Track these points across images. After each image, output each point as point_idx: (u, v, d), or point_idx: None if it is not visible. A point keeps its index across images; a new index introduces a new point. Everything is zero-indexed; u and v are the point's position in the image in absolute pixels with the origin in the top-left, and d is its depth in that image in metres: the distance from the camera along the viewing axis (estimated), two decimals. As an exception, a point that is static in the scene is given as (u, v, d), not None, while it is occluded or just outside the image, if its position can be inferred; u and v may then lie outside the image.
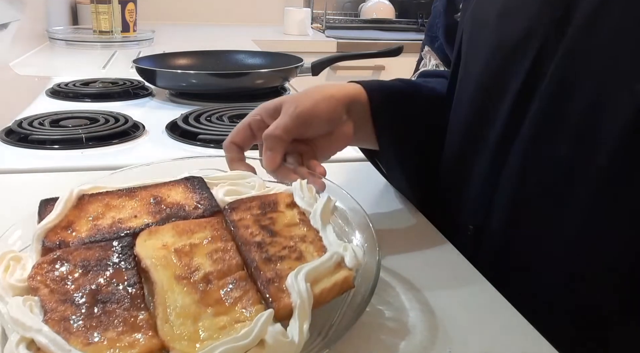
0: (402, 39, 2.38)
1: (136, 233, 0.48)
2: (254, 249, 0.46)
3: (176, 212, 0.51)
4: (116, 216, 0.50)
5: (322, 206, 0.50)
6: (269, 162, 0.57)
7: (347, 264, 0.44)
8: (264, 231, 0.48)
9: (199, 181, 0.56)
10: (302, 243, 0.47)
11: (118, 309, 0.40)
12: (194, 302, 0.41)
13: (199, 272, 0.43)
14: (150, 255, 0.45)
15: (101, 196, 0.53)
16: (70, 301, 0.40)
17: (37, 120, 0.98)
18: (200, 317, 0.40)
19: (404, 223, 0.65)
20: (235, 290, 0.42)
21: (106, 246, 0.46)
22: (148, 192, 0.54)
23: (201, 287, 0.42)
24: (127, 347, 0.37)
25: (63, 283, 0.42)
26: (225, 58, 1.41)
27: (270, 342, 0.37)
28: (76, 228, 0.49)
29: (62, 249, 0.46)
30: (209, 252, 0.46)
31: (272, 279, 0.42)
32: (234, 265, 0.45)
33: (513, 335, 0.46)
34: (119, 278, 0.43)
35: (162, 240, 0.47)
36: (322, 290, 0.42)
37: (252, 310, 0.40)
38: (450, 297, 0.51)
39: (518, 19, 0.55)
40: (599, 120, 0.48)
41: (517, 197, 0.55)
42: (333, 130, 0.60)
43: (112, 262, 0.44)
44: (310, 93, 0.59)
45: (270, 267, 0.44)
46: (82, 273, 0.43)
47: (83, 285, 0.42)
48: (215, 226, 0.49)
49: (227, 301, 0.41)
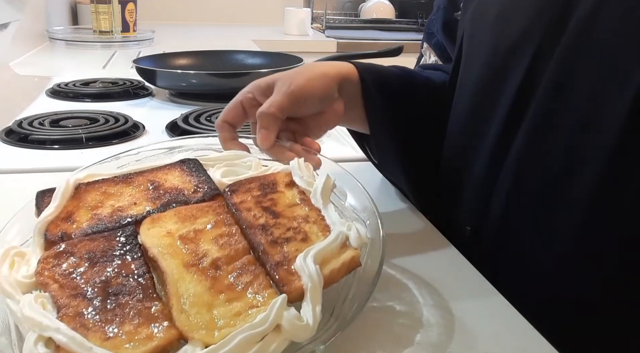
0: (402, 39, 2.38)
1: (138, 221, 0.48)
2: (259, 232, 0.46)
3: (175, 197, 0.51)
4: (115, 204, 0.50)
5: (322, 185, 0.50)
6: (263, 140, 0.56)
7: (352, 244, 0.45)
8: (267, 213, 0.48)
9: (194, 163, 0.55)
10: (306, 224, 0.47)
11: (131, 301, 0.40)
12: (206, 289, 0.41)
13: (207, 258, 0.44)
14: (157, 244, 0.45)
15: (98, 184, 0.52)
16: (81, 295, 0.40)
17: (37, 120, 0.98)
18: (214, 304, 0.40)
19: (402, 223, 0.65)
20: (245, 274, 0.43)
21: (110, 236, 0.46)
22: (144, 177, 0.53)
23: (210, 273, 0.43)
24: (146, 339, 0.37)
25: (71, 277, 0.42)
26: (225, 58, 1.41)
27: (287, 326, 0.38)
28: (76, 219, 0.48)
29: (66, 242, 0.46)
30: (214, 237, 0.46)
31: (281, 262, 0.43)
32: (240, 249, 0.45)
33: (513, 335, 0.46)
34: (127, 269, 0.43)
35: (166, 228, 0.47)
36: (332, 271, 0.42)
37: (264, 294, 0.41)
38: (450, 297, 0.51)
39: (516, 19, 0.55)
40: (597, 120, 0.48)
41: (515, 196, 0.55)
42: (325, 109, 0.60)
43: (118, 253, 0.44)
44: (303, 71, 0.59)
45: (277, 249, 0.44)
46: (89, 266, 0.43)
47: (92, 278, 0.42)
48: (218, 210, 0.49)
49: (238, 286, 0.42)
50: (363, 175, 0.79)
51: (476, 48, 0.62)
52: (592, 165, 0.48)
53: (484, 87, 0.59)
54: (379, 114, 0.64)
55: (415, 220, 0.67)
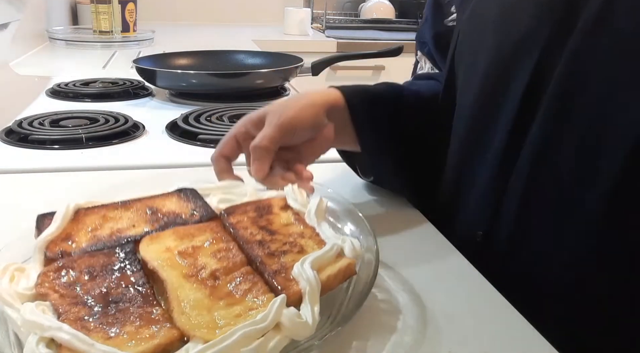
0: (402, 39, 2.37)
1: (137, 241, 0.49)
2: (256, 247, 0.48)
3: (174, 220, 0.52)
4: (114, 227, 0.51)
5: (316, 206, 0.53)
6: (257, 171, 0.59)
7: (347, 254, 0.47)
8: (263, 231, 0.50)
9: (191, 191, 0.57)
10: (302, 239, 0.49)
11: (132, 307, 0.41)
12: (206, 296, 0.42)
13: (205, 270, 0.45)
14: (156, 258, 0.46)
15: (97, 209, 0.53)
16: (82, 303, 0.41)
17: (37, 120, 0.98)
18: (214, 308, 0.41)
19: (401, 223, 0.65)
20: (244, 283, 0.44)
21: (109, 253, 0.47)
22: (143, 203, 0.55)
23: (210, 283, 0.44)
24: (148, 338, 0.38)
25: (72, 288, 0.43)
26: (225, 58, 1.41)
27: (287, 323, 0.39)
28: (75, 240, 0.49)
29: (65, 258, 0.46)
30: (213, 252, 0.47)
31: (279, 270, 0.44)
32: (238, 262, 0.46)
33: (513, 335, 0.46)
34: (127, 281, 0.44)
35: (165, 245, 0.48)
36: (328, 276, 0.44)
37: (263, 298, 0.42)
38: (450, 296, 0.51)
39: (520, 17, 0.55)
40: (609, 121, 0.47)
41: (526, 201, 0.54)
42: (316, 136, 0.62)
43: (117, 267, 0.45)
44: (291, 103, 0.62)
45: (275, 260, 0.46)
46: (89, 279, 0.44)
47: (92, 288, 0.43)
48: (215, 229, 0.51)
49: (237, 293, 0.43)
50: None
51: (476, 51, 0.61)
52: (604, 171, 0.47)
53: (489, 90, 0.58)
54: (371, 135, 0.65)
55: (413, 219, 0.66)
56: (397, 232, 0.63)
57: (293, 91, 1.31)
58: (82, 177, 0.78)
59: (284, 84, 1.30)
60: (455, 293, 0.52)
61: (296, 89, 1.34)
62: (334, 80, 2.26)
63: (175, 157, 0.87)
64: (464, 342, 0.45)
